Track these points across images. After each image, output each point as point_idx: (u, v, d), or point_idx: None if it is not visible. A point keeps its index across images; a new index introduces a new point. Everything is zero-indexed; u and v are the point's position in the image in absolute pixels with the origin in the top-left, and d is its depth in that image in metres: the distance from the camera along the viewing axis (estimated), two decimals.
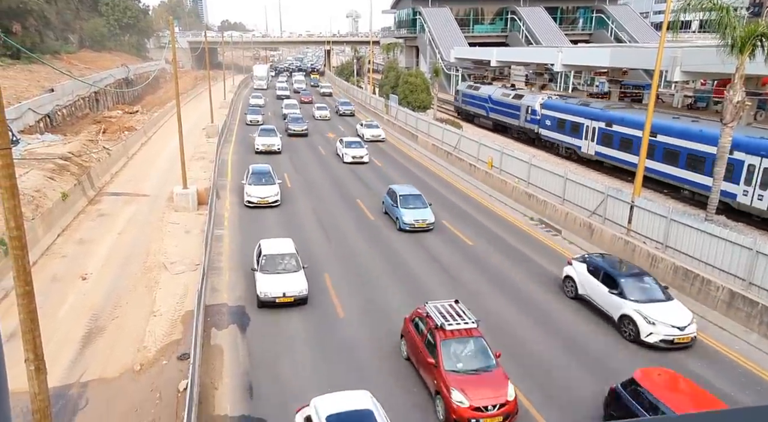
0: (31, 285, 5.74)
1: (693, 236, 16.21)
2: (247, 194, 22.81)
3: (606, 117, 30.57)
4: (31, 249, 16.87)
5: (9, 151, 5.54)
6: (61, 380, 11.37)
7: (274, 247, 15.55)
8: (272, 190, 23.05)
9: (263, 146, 33.30)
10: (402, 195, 21.21)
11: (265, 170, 24.36)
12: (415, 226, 20.15)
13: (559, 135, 34.85)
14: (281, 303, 14.14)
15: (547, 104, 36.51)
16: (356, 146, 32.24)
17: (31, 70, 42.73)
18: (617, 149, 29.50)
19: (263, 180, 23.53)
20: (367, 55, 77.73)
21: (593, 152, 31.67)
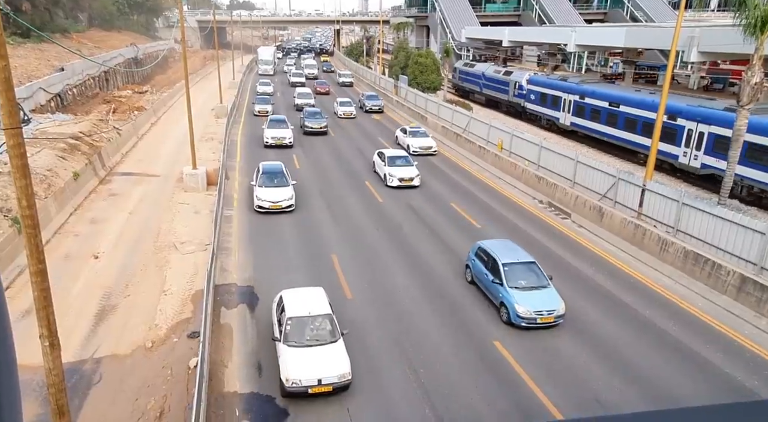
0: (44, 263, 5.83)
1: (705, 220, 16.03)
2: (257, 198, 20.01)
3: (579, 91, 33.68)
4: (44, 228, 17.12)
5: (20, 130, 5.57)
6: (75, 356, 11.64)
7: (301, 302, 11.55)
8: (286, 193, 20.23)
9: (273, 140, 29.82)
10: None
11: (278, 169, 21.38)
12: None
13: (542, 108, 38.20)
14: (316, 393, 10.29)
15: (532, 80, 39.91)
16: (403, 163, 24.04)
17: (42, 49, 42.74)
18: (588, 119, 32.76)
19: (275, 181, 20.61)
20: (377, 35, 76.70)
21: (569, 122, 35.00)
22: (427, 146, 29.51)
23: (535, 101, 39.09)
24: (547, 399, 10.50)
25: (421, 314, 13.50)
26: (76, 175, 21.42)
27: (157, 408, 10.17)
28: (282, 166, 21.89)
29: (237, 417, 9.92)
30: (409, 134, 30.55)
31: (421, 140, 29.95)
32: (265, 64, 68.24)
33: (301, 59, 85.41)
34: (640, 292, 14.96)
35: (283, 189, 20.39)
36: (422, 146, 29.53)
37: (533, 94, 39.30)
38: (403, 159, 24.43)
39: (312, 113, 34.61)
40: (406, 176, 23.14)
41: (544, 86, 38.17)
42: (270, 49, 75.61)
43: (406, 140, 30.25)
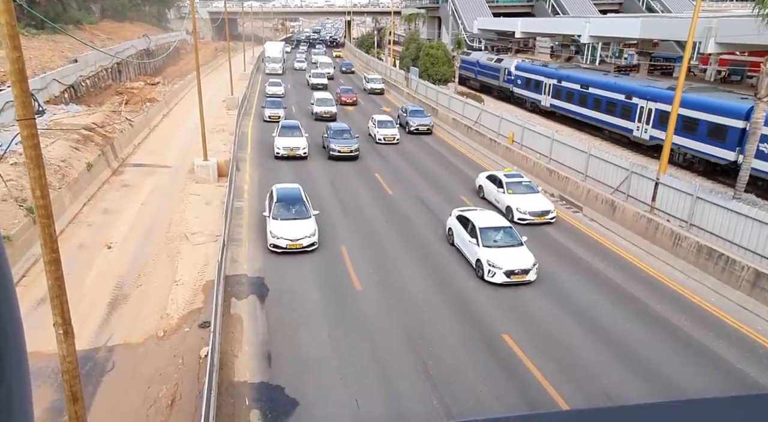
0: (58, 253, 5.91)
1: (719, 214, 15.81)
2: (271, 234, 15.90)
3: (557, 75, 37.34)
4: (58, 218, 17.35)
5: (33, 121, 5.63)
6: (89, 343, 11.83)
7: None
8: (307, 228, 16.00)
9: (285, 150, 25.73)
10: None
11: (295, 195, 17.38)
12: None
13: (527, 92, 41.70)
14: None
15: (519, 66, 43.41)
16: (509, 243, 15.05)
17: (55, 41, 43.09)
18: (565, 101, 36.34)
19: (293, 210, 16.65)
20: (388, 26, 76.17)
21: (549, 104, 38.52)
22: (543, 211, 18.26)
23: (521, 86, 42.40)
24: (556, 392, 10.48)
25: (429, 306, 13.51)
26: (89, 166, 21.66)
27: (169, 396, 10.33)
28: (300, 190, 17.79)
29: (247, 406, 10.04)
30: (506, 187, 19.19)
31: (530, 199, 18.62)
32: (272, 63, 59.46)
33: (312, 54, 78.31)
34: (652, 287, 14.83)
35: (304, 223, 16.17)
36: (535, 210, 18.17)
37: (520, 79, 42.65)
38: (506, 234, 15.16)
39: (338, 131, 27.04)
40: (519, 267, 14.20)
41: (529, 72, 41.62)
42: (278, 44, 65.00)
43: (503, 197, 19.12)
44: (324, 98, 36.37)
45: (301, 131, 27.34)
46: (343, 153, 25.92)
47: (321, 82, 48.60)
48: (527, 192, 19.27)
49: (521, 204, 18.57)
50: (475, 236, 15.18)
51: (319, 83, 48.23)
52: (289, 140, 26.14)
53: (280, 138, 26.41)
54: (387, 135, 29.58)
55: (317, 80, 48.93)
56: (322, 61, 60.74)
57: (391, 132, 29.73)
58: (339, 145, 26.04)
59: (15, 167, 18.99)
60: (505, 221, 16.24)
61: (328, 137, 26.74)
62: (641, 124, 28.74)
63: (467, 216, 16.17)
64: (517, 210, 18.47)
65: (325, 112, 34.82)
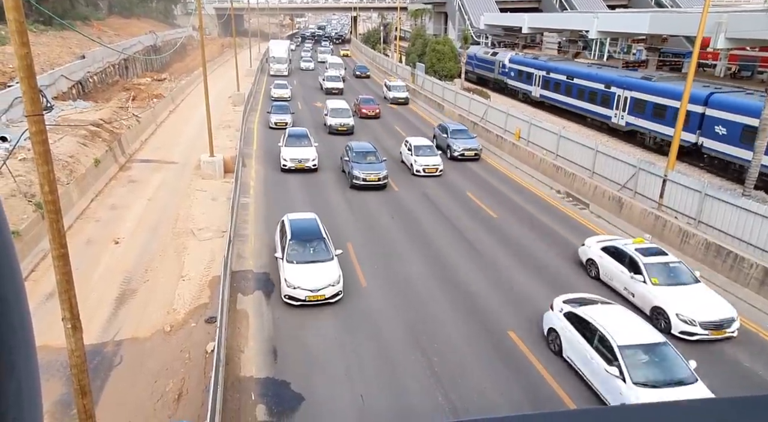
0: (66, 248, 5.95)
1: (728, 211, 15.67)
2: (286, 283, 12.81)
3: (546, 67, 39.93)
4: (66, 213, 17.48)
5: (41, 117, 5.67)
6: (97, 338, 11.94)
7: None
8: (328, 274, 12.90)
9: (292, 162, 23.03)
10: None
11: (312, 229, 14.28)
12: None
13: (519, 84, 44.28)
14: None
15: (513, 59, 45.87)
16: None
17: (63, 37, 43.32)
18: (552, 91, 38.82)
19: (311, 250, 13.63)
20: (394, 22, 75.94)
21: (539, 95, 41.00)
22: (722, 320, 11.84)
23: (515, 78, 44.98)
24: (561, 390, 10.46)
25: (435, 302, 13.51)
26: (96, 161, 21.79)
27: (176, 390, 10.41)
28: (317, 222, 14.71)
29: (253, 401, 10.10)
30: (647, 274, 12.80)
31: (694, 296, 12.32)
32: (277, 63, 54.53)
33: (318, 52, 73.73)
34: None
35: (325, 267, 13.05)
36: (709, 318, 11.75)
37: (513, 71, 45.21)
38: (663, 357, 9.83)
39: (362, 153, 22.09)
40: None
41: (521, 64, 44.30)
42: (283, 43, 59.20)
43: (643, 289, 12.74)
44: (339, 108, 31.44)
45: (310, 139, 24.67)
46: (369, 182, 20.75)
47: (336, 86, 44.24)
48: (684, 281, 12.69)
49: (682, 307, 11.86)
50: (616, 361, 9.53)
51: (335, 88, 44.03)
52: (297, 150, 23.35)
53: (287, 149, 23.52)
54: (428, 165, 22.98)
55: (332, 84, 44.36)
56: (332, 62, 54.71)
57: (433, 161, 23.21)
58: (364, 171, 20.82)
59: (24, 162, 19.15)
60: (655, 334, 10.29)
61: (350, 161, 21.59)
62: (618, 111, 31.25)
63: (586, 317, 10.53)
64: (678, 318, 11.75)
65: (341, 125, 30.08)
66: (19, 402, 0.80)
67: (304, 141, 24.27)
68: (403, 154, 25.10)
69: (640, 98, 29.30)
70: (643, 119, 29.17)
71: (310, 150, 23.66)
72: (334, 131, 30.34)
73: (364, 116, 34.58)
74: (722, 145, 24.31)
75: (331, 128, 30.52)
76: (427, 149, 24.09)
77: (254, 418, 9.67)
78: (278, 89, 40.98)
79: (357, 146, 23.05)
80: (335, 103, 32.75)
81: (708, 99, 25.15)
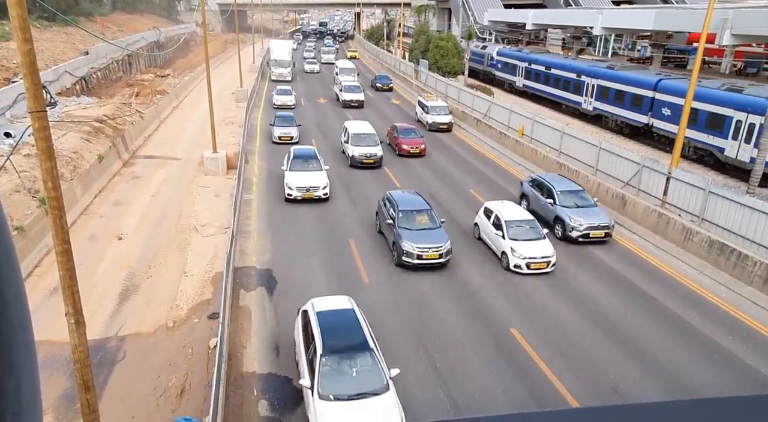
0: (69, 244, 5.97)
1: (732, 209, 15.61)
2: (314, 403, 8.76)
3: (528, 59, 43.53)
4: (70, 209, 17.55)
5: (44, 113, 5.68)
6: (101, 333, 12.00)
7: None
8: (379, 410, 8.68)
9: (299, 191, 19.12)
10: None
11: (350, 323, 10.07)
12: None
13: (505, 74, 47.60)
14: None
15: (500, 52, 49.30)
16: None
17: (67, 33, 43.37)
18: (533, 81, 42.26)
19: (345, 342, 9.64)
20: (398, 18, 75.71)
21: (522, 84, 44.42)
22: None
23: (501, 69, 48.31)
24: (564, 387, 10.46)
25: (438, 300, 13.52)
26: (100, 157, 21.85)
27: (179, 386, 10.46)
28: (353, 306, 10.61)
29: (255, 396, 10.14)
30: None
31: None
32: (279, 67, 47.47)
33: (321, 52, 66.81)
34: (662, 281, 14.72)
35: (376, 402, 8.78)
36: None
37: (500, 63, 48.54)
38: None
39: (412, 212, 15.59)
40: None
41: (507, 57, 47.71)
42: (285, 44, 51.34)
43: None
44: (363, 134, 24.13)
45: (320, 161, 20.50)
46: (427, 261, 14.44)
47: (356, 98, 36.28)
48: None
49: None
50: None
51: (354, 100, 36.14)
52: (303, 176, 19.39)
53: (292, 174, 19.55)
54: (534, 258, 14.64)
55: (352, 96, 36.08)
56: (344, 67, 43.20)
57: (542, 250, 14.77)
58: (418, 244, 14.45)
59: (28, 158, 19.21)
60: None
61: (395, 224, 15.19)
62: (587, 97, 34.94)
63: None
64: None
65: (368, 156, 23.07)
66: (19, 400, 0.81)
67: (312, 164, 20.15)
68: (481, 228, 16.60)
69: (605, 86, 33.17)
70: (607, 104, 33.13)
71: (320, 176, 19.51)
72: (357, 163, 23.24)
73: (404, 154, 25.32)
74: (668, 124, 27.82)
75: (353, 161, 23.29)
76: (527, 227, 15.36)
77: (256, 414, 9.71)
78: (281, 96, 36.05)
79: (403, 200, 16.00)
80: (358, 126, 25.33)
81: (657, 85, 28.92)
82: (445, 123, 30.75)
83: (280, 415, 9.69)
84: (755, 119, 22.71)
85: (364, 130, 24.81)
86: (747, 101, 23.67)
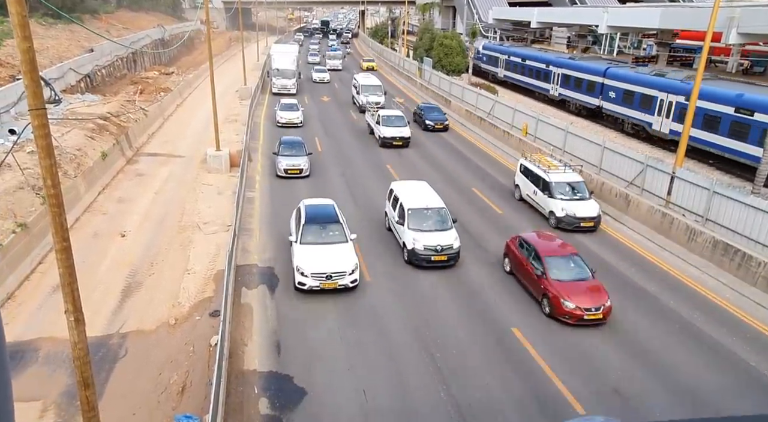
0: (69, 241, 5.98)
1: (736, 209, 15.49)
2: None
3: (507, 52, 49.07)
4: (74, 206, 17.63)
5: (44, 111, 5.68)
6: (103, 330, 12.04)
7: None
8: None
9: (315, 279, 13.10)
10: None
11: None
12: None
13: (489, 66, 52.52)
14: None
15: (485, 46, 54.01)
16: None
17: (72, 31, 43.48)
18: (512, 72, 47.46)
19: None
20: (402, 16, 75.50)
21: (503, 75, 49.69)
22: None
23: (486, 62, 52.92)
24: (565, 388, 10.42)
25: (440, 298, 13.49)
26: (104, 155, 21.92)
27: (180, 383, 10.48)
28: None
29: (256, 394, 10.16)
30: None
31: None
32: (283, 78, 40.11)
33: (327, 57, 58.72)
34: (665, 282, 14.64)
35: None
36: None
37: (485, 56, 53.15)
38: None
39: None
40: None
41: (491, 50, 52.66)
42: (289, 50, 44.01)
43: None
44: (425, 208, 15.46)
45: (342, 224, 14.40)
46: None
47: (400, 134, 26.02)
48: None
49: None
50: None
51: (398, 137, 25.86)
52: (320, 254, 13.33)
53: (303, 249, 13.53)
54: None
55: (395, 132, 26.08)
56: (367, 84, 34.98)
57: None
58: None
59: (32, 155, 19.29)
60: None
61: None
62: (553, 85, 40.39)
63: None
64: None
65: (439, 250, 14.43)
66: None
67: (332, 232, 14.12)
68: None
69: (567, 74, 38.43)
70: (569, 90, 38.44)
71: (345, 251, 13.52)
72: (421, 261, 14.57)
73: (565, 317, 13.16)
74: (613, 105, 33.25)
75: (414, 257, 14.64)
76: None
77: (257, 412, 9.73)
78: (286, 112, 30.12)
79: None
80: (416, 194, 16.04)
81: (605, 72, 33.92)
82: (593, 217, 17.66)
83: (280, 413, 9.70)
84: (673, 98, 27.93)
85: (427, 201, 15.64)
86: (667, 84, 28.64)
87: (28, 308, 12.69)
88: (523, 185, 19.88)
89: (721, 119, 24.94)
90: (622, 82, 32.11)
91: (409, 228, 15.16)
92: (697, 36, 46.32)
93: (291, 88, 40.51)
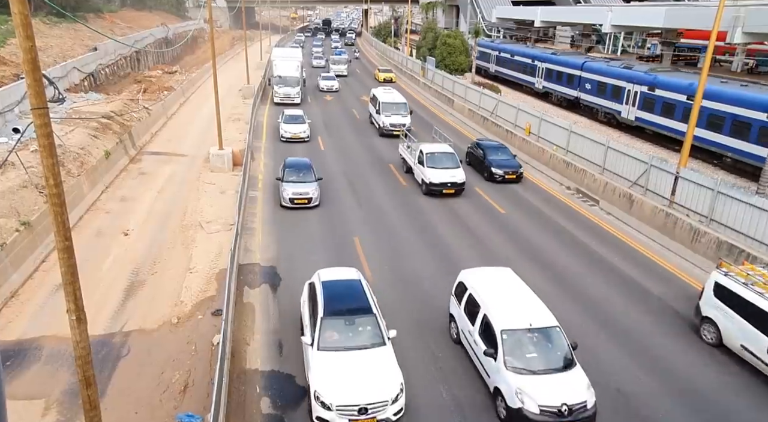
0: (71, 241, 5.97)
1: (741, 209, 15.40)
2: None
3: (498, 48, 52.99)
4: (77, 205, 17.68)
5: (46, 110, 5.68)
6: (105, 329, 12.07)
7: None
8: None
9: (341, 417, 8.77)
10: None
11: None
12: None
13: (482, 63, 55.38)
14: None
15: (479, 43, 55.58)
16: None
17: (76, 30, 43.61)
18: (502, 67, 51.38)
19: None
20: (405, 15, 75.41)
21: (494, 70, 53.51)
22: None
23: (479, 58, 54.89)
24: None
25: (441, 296, 13.47)
26: (107, 153, 21.97)
27: (182, 382, 10.50)
28: None
29: (258, 393, 10.16)
30: None
31: None
32: (285, 86, 36.50)
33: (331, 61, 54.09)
34: (669, 282, 14.58)
35: None
36: None
37: (478, 52, 54.65)
38: None
39: None
40: None
41: (483, 47, 56.19)
42: (293, 55, 40.38)
43: None
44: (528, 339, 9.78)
45: (376, 315, 10.44)
46: None
47: (453, 179, 20.27)
48: None
49: None
50: None
51: (450, 184, 20.18)
52: (349, 365, 9.58)
53: (323, 361, 9.65)
54: None
55: (443, 175, 20.25)
56: (386, 101, 29.99)
57: None
58: None
59: (36, 153, 19.35)
60: None
61: None
62: (538, 78, 44.17)
63: None
64: None
65: (558, 410, 8.78)
66: None
67: (362, 327, 10.27)
68: None
69: (550, 68, 42.12)
70: (552, 83, 42.01)
71: (383, 362, 9.68)
72: None
73: None
74: (589, 96, 36.83)
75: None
76: None
77: (259, 411, 9.73)
78: (291, 125, 27.46)
79: None
80: (507, 298, 10.74)
81: (582, 66, 37.58)
82: None
83: (282, 412, 9.70)
84: (637, 88, 31.72)
85: (533, 316, 10.16)
86: (633, 75, 32.28)
87: (32, 306, 12.73)
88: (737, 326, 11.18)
89: None
90: (596, 75, 35.80)
91: (508, 367, 9.22)
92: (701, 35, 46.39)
93: (295, 98, 36.51)
